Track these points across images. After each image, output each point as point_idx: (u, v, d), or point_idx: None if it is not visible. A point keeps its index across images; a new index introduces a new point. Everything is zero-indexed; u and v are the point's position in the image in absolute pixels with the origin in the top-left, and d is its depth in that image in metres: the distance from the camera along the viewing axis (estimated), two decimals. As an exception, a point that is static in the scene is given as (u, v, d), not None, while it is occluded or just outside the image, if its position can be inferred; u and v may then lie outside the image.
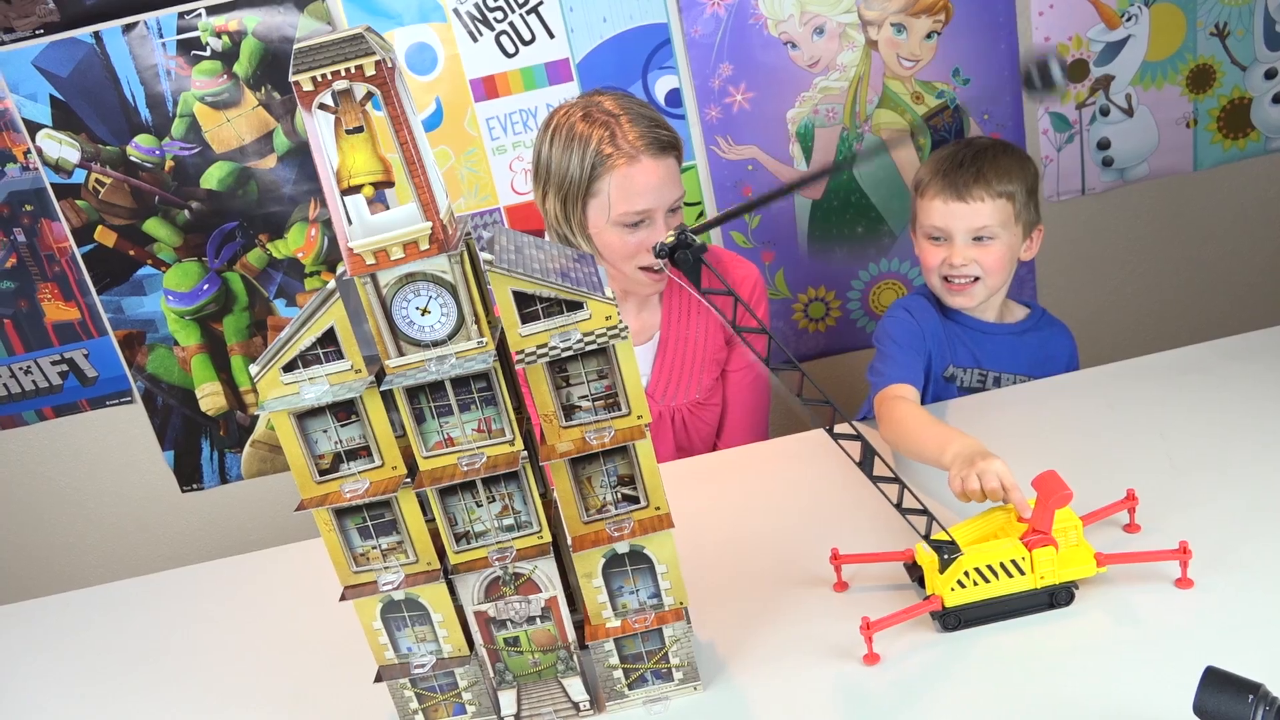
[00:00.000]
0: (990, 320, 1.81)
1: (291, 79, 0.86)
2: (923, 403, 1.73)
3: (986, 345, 1.82)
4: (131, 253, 2.37)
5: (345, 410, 1.03)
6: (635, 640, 1.12)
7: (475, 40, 2.20)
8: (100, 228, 2.34)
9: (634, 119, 1.67)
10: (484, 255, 1.01)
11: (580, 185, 1.67)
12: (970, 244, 1.71)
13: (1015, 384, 1.79)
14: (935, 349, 1.80)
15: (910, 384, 1.66)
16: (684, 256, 1.15)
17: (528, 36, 2.20)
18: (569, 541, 1.10)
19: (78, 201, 2.31)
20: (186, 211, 2.33)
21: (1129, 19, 2.24)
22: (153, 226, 2.34)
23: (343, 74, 0.87)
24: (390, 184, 0.91)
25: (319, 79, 0.87)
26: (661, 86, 2.25)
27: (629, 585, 1.11)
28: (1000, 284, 1.75)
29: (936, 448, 1.34)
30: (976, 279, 1.72)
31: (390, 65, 0.90)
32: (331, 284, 0.98)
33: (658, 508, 1.09)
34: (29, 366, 2.48)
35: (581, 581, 1.10)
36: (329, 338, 1.00)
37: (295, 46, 0.87)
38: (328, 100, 0.88)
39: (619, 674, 1.13)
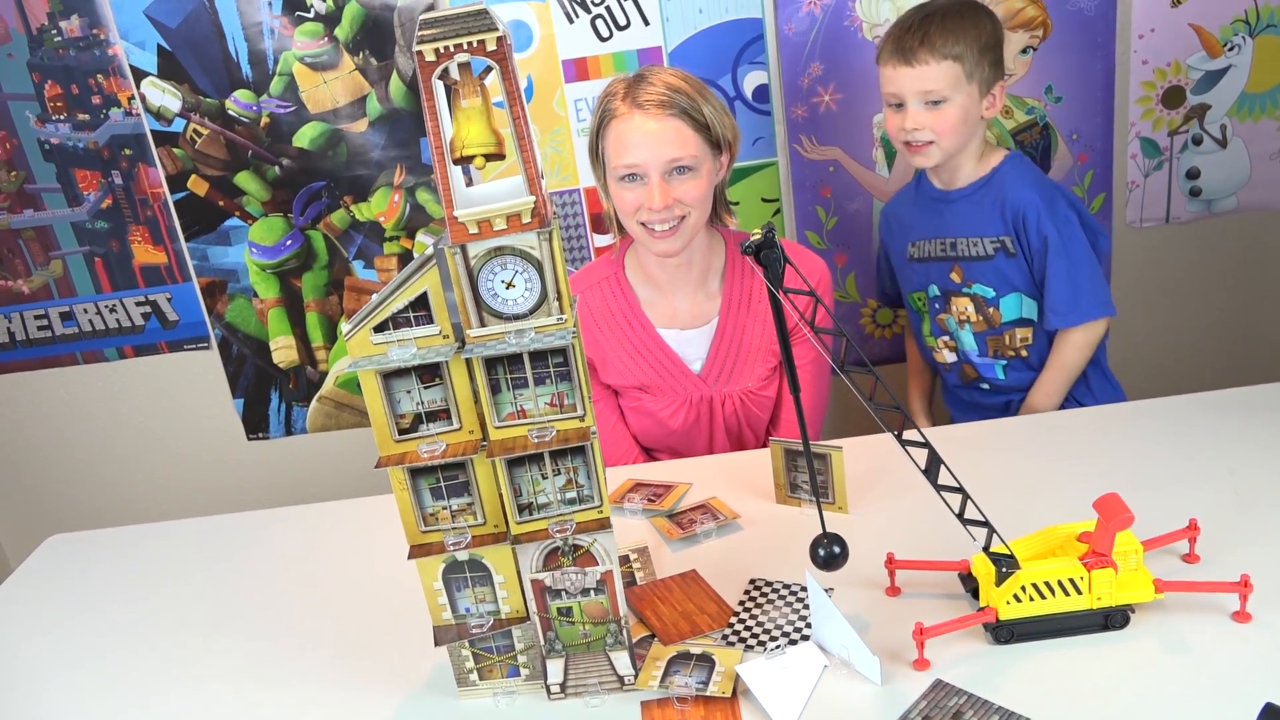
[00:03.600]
0: (957, 183, 1.87)
1: (415, 49, 0.89)
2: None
3: (946, 212, 1.89)
4: (221, 203, 2.43)
5: (429, 373, 1.06)
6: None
7: (571, 21, 2.22)
8: (194, 177, 2.41)
9: (661, 85, 1.68)
10: None
11: (594, 137, 1.75)
12: (923, 108, 1.77)
13: (978, 247, 1.86)
14: (894, 239, 2.03)
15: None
16: (769, 255, 1.17)
17: (623, 22, 2.22)
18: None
19: (175, 150, 2.38)
20: (277, 168, 2.39)
21: (1231, 48, 2.20)
22: (244, 179, 2.41)
23: (465, 47, 0.89)
24: (501, 157, 0.93)
25: (441, 50, 0.90)
26: (750, 81, 2.26)
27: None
28: (956, 145, 1.80)
29: None
30: (931, 141, 1.79)
31: (510, 42, 0.93)
32: (429, 250, 1.01)
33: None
34: (114, 305, 2.56)
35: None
36: (421, 302, 1.03)
37: (420, 17, 0.90)
38: (449, 71, 0.91)
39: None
